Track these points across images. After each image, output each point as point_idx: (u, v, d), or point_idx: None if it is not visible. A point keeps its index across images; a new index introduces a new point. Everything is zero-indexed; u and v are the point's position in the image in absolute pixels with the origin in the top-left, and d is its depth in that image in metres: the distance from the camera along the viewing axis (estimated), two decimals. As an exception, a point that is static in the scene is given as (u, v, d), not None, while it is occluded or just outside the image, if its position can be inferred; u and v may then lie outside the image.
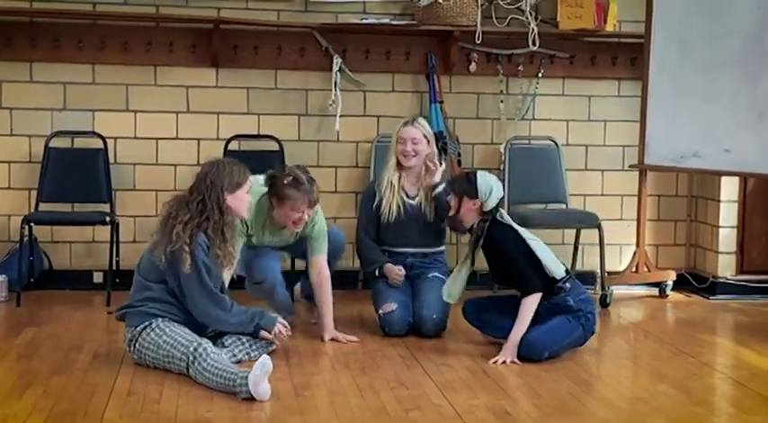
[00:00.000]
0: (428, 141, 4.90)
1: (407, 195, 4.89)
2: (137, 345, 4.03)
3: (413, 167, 4.87)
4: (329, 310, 4.64)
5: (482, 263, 5.86)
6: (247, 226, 4.56)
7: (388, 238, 4.91)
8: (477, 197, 4.41)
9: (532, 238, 4.44)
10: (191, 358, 3.85)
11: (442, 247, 5.00)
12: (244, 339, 4.17)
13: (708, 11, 5.27)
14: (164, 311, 4.04)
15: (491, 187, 4.42)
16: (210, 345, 3.91)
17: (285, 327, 4.21)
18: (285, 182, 4.41)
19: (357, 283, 5.78)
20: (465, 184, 4.46)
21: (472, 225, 4.50)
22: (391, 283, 4.80)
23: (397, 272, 4.81)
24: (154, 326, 4.00)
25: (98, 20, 5.64)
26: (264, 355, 3.74)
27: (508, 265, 4.41)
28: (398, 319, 4.68)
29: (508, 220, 4.50)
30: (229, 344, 4.13)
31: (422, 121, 4.95)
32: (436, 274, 4.89)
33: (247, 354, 4.14)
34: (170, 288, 4.05)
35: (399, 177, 4.89)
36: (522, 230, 4.46)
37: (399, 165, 4.89)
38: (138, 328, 4.03)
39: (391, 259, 4.87)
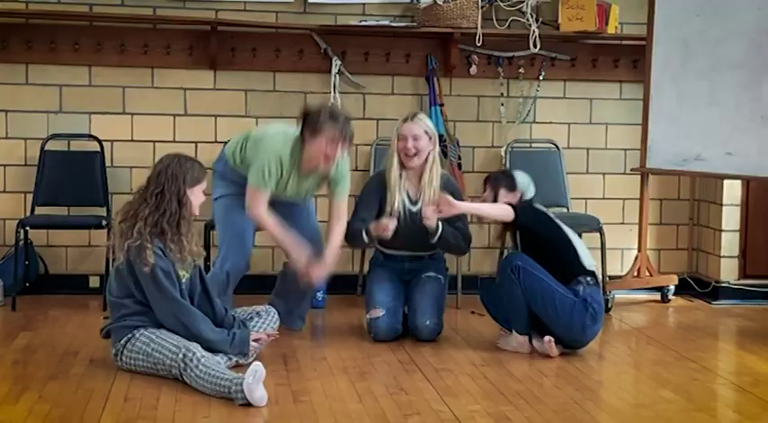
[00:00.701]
0: (430, 138, 4.74)
1: (410, 200, 4.78)
2: (123, 357, 4.02)
3: (414, 168, 4.75)
4: (332, 250, 4.54)
5: (482, 267, 5.87)
6: (282, 170, 4.45)
7: (389, 242, 4.78)
8: (516, 189, 4.59)
9: (568, 228, 4.60)
10: (181, 366, 3.83)
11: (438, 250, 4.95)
12: None
13: (710, 13, 5.27)
14: (144, 321, 4.02)
15: (529, 182, 4.66)
16: (200, 349, 3.89)
17: (265, 337, 4.22)
18: (322, 114, 4.34)
19: (356, 287, 5.79)
20: (503, 178, 4.65)
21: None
22: (382, 235, 4.63)
23: (384, 224, 4.61)
24: (138, 335, 3.99)
25: (94, 21, 5.65)
26: (256, 362, 3.73)
27: (543, 245, 4.50)
28: (385, 326, 4.66)
29: (543, 209, 4.68)
30: None
31: (422, 116, 4.81)
32: (432, 273, 4.85)
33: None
34: (139, 298, 4.04)
35: (401, 177, 4.75)
36: (558, 220, 4.63)
37: (401, 163, 4.75)
38: (121, 342, 4.02)
39: (389, 265, 4.86)
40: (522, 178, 4.67)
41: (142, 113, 5.73)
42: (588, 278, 4.45)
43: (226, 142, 5.69)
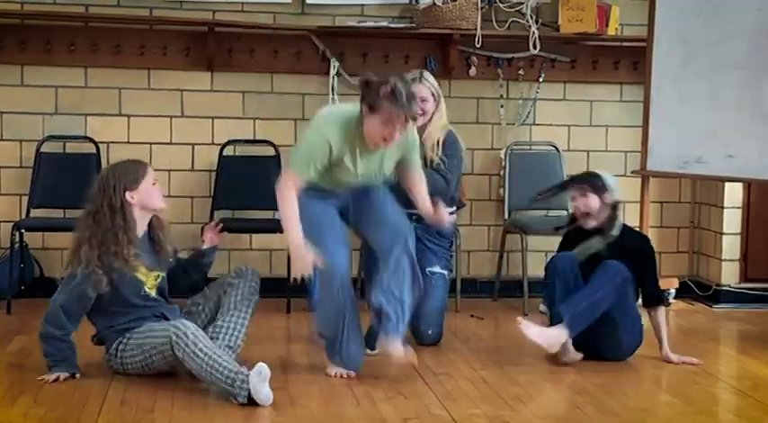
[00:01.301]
0: (435, 98, 4.71)
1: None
2: (118, 358, 4.02)
3: (418, 126, 4.54)
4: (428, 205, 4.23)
5: (481, 270, 5.87)
6: (331, 150, 3.96)
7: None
8: (607, 191, 4.45)
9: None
10: (173, 338, 3.79)
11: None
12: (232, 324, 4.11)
13: (711, 14, 5.28)
14: (133, 323, 4.03)
15: (614, 180, 4.53)
16: (192, 326, 3.85)
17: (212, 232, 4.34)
18: (382, 91, 3.88)
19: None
20: (596, 181, 4.47)
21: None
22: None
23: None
24: (128, 335, 4.01)
25: (90, 22, 5.66)
26: (260, 363, 3.73)
27: (644, 270, 4.46)
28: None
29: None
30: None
31: (428, 76, 4.75)
32: (437, 269, 4.77)
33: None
34: (116, 309, 4.03)
35: None
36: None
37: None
38: (113, 345, 4.03)
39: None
40: (609, 178, 4.53)
41: (138, 115, 5.74)
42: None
43: (223, 146, 5.73)
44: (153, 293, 4.09)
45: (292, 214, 3.98)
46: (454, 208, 4.87)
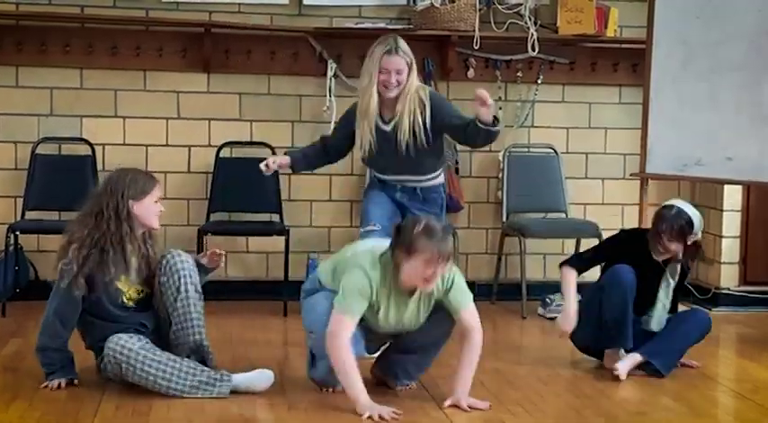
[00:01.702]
0: (410, 68, 4.46)
1: (382, 120, 4.48)
2: (105, 374, 4.00)
3: (392, 97, 4.45)
4: (467, 376, 3.85)
5: (479, 273, 5.87)
6: (373, 294, 3.74)
7: (373, 165, 4.64)
8: (693, 233, 4.37)
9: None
10: (113, 361, 3.80)
11: (434, 181, 4.62)
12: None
13: (710, 15, 5.29)
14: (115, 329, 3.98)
15: (699, 217, 4.42)
16: (130, 340, 3.83)
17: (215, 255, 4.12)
18: (415, 230, 3.69)
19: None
20: (688, 229, 4.34)
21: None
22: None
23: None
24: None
25: (86, 23, 5.66)
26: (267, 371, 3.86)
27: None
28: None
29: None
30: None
31: (403, 44, 4.48)
32: None
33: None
34: (96, 320, 4.00)
35: (377, 103, 4.45)
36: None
37: (379, 93, 4.45)
38: (101, 354, 3.99)
39: (383, 189, 4.61)
40: (693, 213, 4.41)
41: (134, 117, 5.74)
42: None
43: (219, 148, 5.73)
44: (131, 305, 4.00)
45: (353, 373, 3.70)
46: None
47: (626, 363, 4.28)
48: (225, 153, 5.75)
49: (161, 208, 4.04)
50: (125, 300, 4.00)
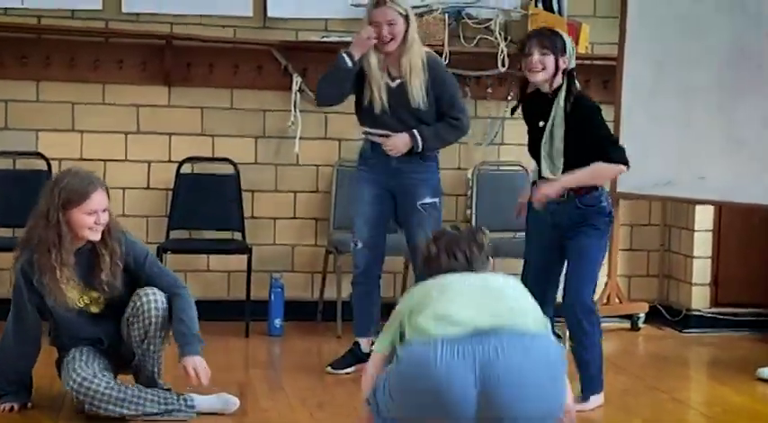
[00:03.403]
0: (405, 18, 4.49)
1: (390, 76, 4.57)
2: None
3: (392, 51, 4.51)
4: None
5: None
6: None
7: (368, 122, 4.68)
8: (566, 54, 4.20)
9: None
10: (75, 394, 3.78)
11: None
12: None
13: (683, 33, 5.36)
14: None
15: (572, 46, 4.28)
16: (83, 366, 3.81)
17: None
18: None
19: (316, 314, 5.81)
20: (557, 39, 4.20)
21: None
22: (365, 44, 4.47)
23: (366, 34, 4.42)
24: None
25: (43, 34, 5.65)
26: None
27: (596, 135, 4.21)
28: (363, 260, 4.66)
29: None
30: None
31: None
32: (428, 199, 4.66)
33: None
34: (58, 330, 3.98)
35: (379, 61, 4.53)
36: None
37: (376, 47, 4.52)
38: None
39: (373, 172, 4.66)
40: (570, 43, 4.27)
41: (92, 131, 5.73)
42: None
43: (180, 163, 5.72)
44: (93, 310, 3.90)
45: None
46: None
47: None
48: (186, 169, 5.75)
49: (96, 220, 3.77)
50: (78, 306, 3.88)
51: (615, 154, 4.19)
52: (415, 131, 4.56)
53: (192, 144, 5.79)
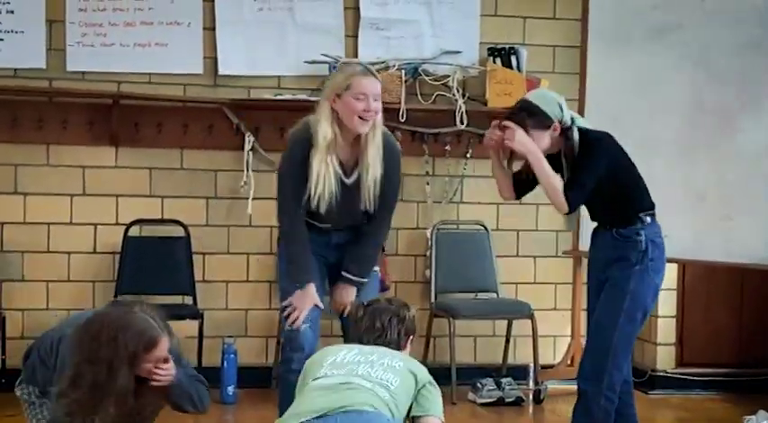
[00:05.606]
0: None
1: (344, 171, 3.87)
2: None
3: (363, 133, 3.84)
4: None
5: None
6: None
7: (314, 216, 3.96)
8: (552, 119, 3.95)
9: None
10: None
11: None
12: None
13: (641, 89, 5.45)
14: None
15: (552, 98, 4.03)
16: None
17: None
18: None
19: (271, 381, 5.75)
20: (527, 116, 3.93)
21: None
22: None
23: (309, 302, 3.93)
24: None
25: (-16, 94, 5.63)
26: None
27: (578, 167, 4.02)
28: (305, 341, 3.94)
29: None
30: None
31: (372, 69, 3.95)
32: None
33: None
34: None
35: (335, 142, 3.81)
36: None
37: (339, 125, 3.83)
38: None
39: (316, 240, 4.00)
40: (542, 99, 4.00)
41: (36, 193, 5.68)
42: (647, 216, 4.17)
43: (128, 226, 5.68)
44: None
45: None
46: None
47: None
48: (134, 232, 5.71)
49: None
50: None
51: (572, 192, 4.04)
52: (356, 282, 4.03)
53: (140, 206, 5.77)
